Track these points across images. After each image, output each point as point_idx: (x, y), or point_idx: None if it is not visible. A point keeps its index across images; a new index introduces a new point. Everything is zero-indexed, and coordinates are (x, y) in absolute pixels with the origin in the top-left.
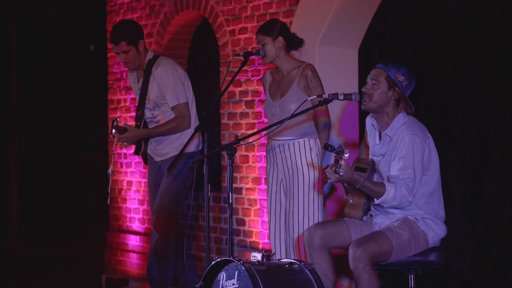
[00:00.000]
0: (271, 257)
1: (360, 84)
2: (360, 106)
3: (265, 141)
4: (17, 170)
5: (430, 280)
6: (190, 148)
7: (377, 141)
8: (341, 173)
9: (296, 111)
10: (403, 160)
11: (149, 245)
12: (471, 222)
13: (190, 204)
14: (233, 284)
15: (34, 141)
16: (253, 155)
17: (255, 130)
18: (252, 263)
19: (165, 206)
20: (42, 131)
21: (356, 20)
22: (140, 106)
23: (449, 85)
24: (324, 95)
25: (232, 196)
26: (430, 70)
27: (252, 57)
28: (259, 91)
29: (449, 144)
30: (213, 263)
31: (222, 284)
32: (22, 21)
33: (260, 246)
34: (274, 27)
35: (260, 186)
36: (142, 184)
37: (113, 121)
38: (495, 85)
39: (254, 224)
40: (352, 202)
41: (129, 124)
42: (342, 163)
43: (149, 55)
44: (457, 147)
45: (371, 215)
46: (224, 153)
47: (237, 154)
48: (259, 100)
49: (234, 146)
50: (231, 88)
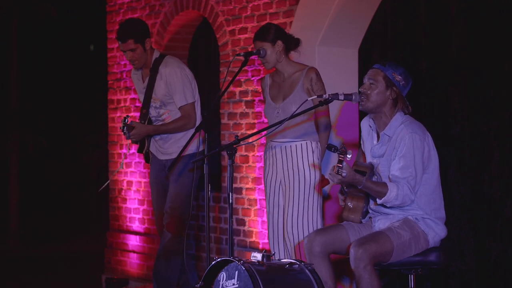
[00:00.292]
0: (271, 257)
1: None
2: (358, 107)
3: (265, 142)
4: (17, 170)
5: (430, 280)
6: (194, 148)
7: (375, 142)
8: (344, 174)
9: (297, 111)
10: (404, 159)
11: (149, 245)
12: (471, 222)
13: (190, 204)
14: (233, 284)
15: (34, 141)
16: (253, 155)
17: (255, 130)
18: (252, 263)
19: (178, 207)
20: (42, 131)
21: (356, 20)
22: (145, 105)
23: (449, 85)
24: (325, 95)
25: (232, 196)
26: (430, 70)
27: (252, 57)
28: (259, 91)
29: (449, 144)
30: (213, 263)
31: (222, 284)
32: (22, 21)
33: (260, 246)
34: (271, 32)
35: (260, 186)
36: (142, 184)
37: (125, 119)
38: (495, 85)
39: (254, 224)
40: (351, 206)
41: (133, 120)
42: (344, 164)
43: (156, 54)
44: (457, 147)
45: (370, 218)
46: (224, 153)
47: (237, 154)
48: (259, 100)
49: (234, 146)
50: (231, 88)
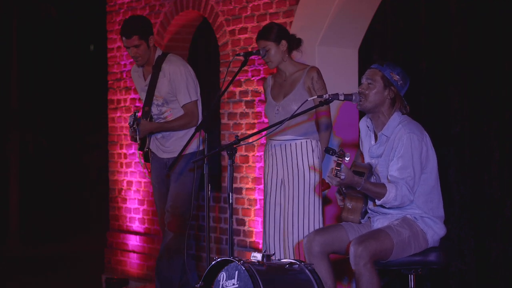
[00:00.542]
0: (271, 257)
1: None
2: (357, 106)
3: (265, 141)
4: (17, 170)
5: (430, 280)
6: (194, 147)
7: (373, 142)
8: (342, 177)
9: (297, 111)
10: (402, 159)
11: (149, 245)
12: (471, 222)
13: (192, 203)
14: (233, 284)
15: (34, 141)
16: (253, 155)
17: (255, 130)
18: (252, 263)
19: (179, 206)
20: (42, 131)
21: (356, 20)
22: (147, 102)
23: (449, 85)
24: (325, 95)
25: (232, 196)
26: (430, 70)
27: (252, 57)
28: (259, 91)
29: (449, 144)
30: (213, 263)
31: (222, 284)
32: (22, 21)
33: (260, 246)
34: (275, 31)
35: (260, 186)
36: (142, 184)
37: (135, 113)
38: (495, 85)
39: (254, 224)
40: (350, 207)
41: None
42: (342, 167)
43: (158, 52)
44: (457, 147)
45: (369, 218)
46: (224, 153)
47: (237, 154)
48: (259, 100)
49: (234, 146)
50: (231, 88)
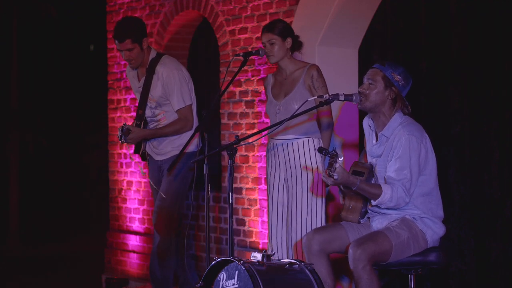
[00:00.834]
0: (271, 257)
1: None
2: (358, 106)
3: (266, 141)
4: (17, 170)
5: (430, 280)
6: (190, 148)
7: (374, 142)
8: (335, 177)
9: (297, 111)
10: (400, 161)
11: (149, 245)
12: (471, 222)
13: (190, 204)
14: (233, 284)
15: (34, 141)
16: (253, 155)
17: (255, 130)
18: (252, 263)
19: (166, 207)
20: (42, 131)
21: (356, 20)
22: (141, 105)
23: (449, 85)
24: (325, 96)
25: (232, 196)
26: (430, 70)
27: (252, 57)
28: (259, 91)
29: (449, 144)
30: (213, 263)
31: (222, 284)
32: (22, 21)
33: (260, 246)
34: (283, 27)
35: (260, 186)
36: (142, 184)
37: (122, 128)
38: (495, 85)
39: (254, 224)
40: (350, 206)
41: (129, 124)
42: (337, 166)
43: (152, 54)
44: (457, 147)
45: (369, 218)
46: (224, 153)
47: (237, 154)
48: (259, 100)
49: (235, 146)
50: (231, 88)
